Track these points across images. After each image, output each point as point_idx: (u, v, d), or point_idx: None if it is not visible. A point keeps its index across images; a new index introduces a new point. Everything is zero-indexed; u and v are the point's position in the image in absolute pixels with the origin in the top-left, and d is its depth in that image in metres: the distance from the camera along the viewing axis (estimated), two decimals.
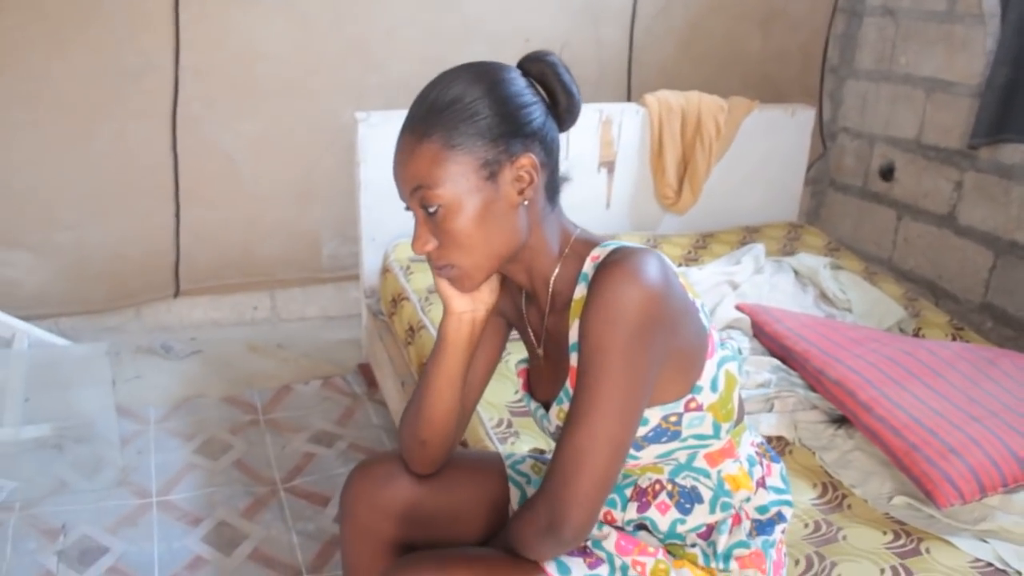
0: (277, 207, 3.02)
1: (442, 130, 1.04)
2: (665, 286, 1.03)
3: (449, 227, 1.06)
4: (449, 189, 1.04)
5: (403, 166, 1.09)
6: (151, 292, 3.01)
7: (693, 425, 1.12)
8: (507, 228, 1.08)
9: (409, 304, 2.33)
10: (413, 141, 1.07)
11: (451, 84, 1.07)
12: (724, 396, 1.13)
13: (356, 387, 2.80)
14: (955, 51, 2.95)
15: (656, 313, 1.01)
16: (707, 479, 1.17)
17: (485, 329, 1.26)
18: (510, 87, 1.07)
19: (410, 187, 1.08)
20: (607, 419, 1.02)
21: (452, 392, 1.23)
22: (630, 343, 1.00)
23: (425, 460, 1.28)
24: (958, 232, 3.00)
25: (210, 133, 2.87)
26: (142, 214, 2.90)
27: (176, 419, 2.56)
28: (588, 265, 1.11)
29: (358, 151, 2.58)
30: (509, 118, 1.05)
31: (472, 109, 1.04)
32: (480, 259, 1.09)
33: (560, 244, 1.15)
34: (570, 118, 1.13)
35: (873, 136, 3.35)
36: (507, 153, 1.05)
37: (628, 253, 1.04)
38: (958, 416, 1.61)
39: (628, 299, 1.00)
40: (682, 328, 1.08)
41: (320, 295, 3.24)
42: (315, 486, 2.28)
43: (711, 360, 1.12)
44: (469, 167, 1.04)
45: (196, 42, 2.74)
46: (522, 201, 1.09)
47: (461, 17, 2.91)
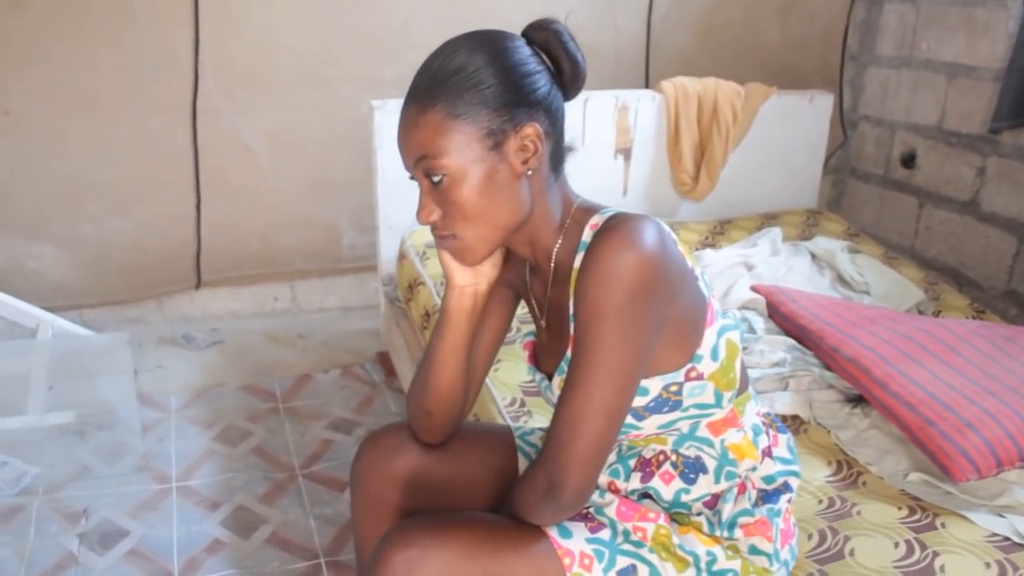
0: (296, 198, 3.05)
1: (446, 99, 1.04)
2: (662, 251, 1.03)
3: (453, 197, 1.06)
4: (454, 159, 1.04)
5: (407, 136, 1.08)
6: (172, 283, 3.04)
7: (694, 394, 1.12)
8: (511, 198, 1.08)
9: (425, 289, 2.34)
10: (417, 111, 1.06)
11: (454, 53, 1.06)
12: (725, 365, 1.13)
13: (375, 375, 2.81)
14: (977, 35, 2.91)
15: (652, 278, 1.01)
16: (711, 448, 1.17)
17: (491, 300, 1.26)
18: (514, 55, 1.06)
19: (414, 157, 1.07)
20: (602, 384, 1.02)
21: (456, 363, 1.23)
22: (625, 308, 1.00)
23: (432, 429, 1.29)
24: (981, 218, 2.96)
25: (230, 125, 2.89)
26: (164, 206, 2.93)
27: (196, 407, 2.59)
28: (587, 233, 1.11)
29: (375, 138, 2.59)
30: (513, 87, 1.05)
31: (476, 78, 1.04)
32: (483, 230, 1.09)
33: (562, 215, 1.15)
34: (575, 86, 1.12)
35: (894, 123, 3.32)
36: (512, 122, 1.05)
37: (625, 219, 1.04)
38: (974, 391, 1.59)
39: (623, 264, 0.99)
40: (680, 295, 1.07)
41: (340, 286, 3.26)
42: (333, 472, 2.29)
43: (711, 328, 1.11)
44: (473, 136, 1.04)
45: (216, 35, 2.77)
46: (526, 171, 1.08)
47: (478, 6, 2.91)
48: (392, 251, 2.72)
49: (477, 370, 1.31)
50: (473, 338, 1.24)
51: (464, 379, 1.26)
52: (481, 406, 1.81)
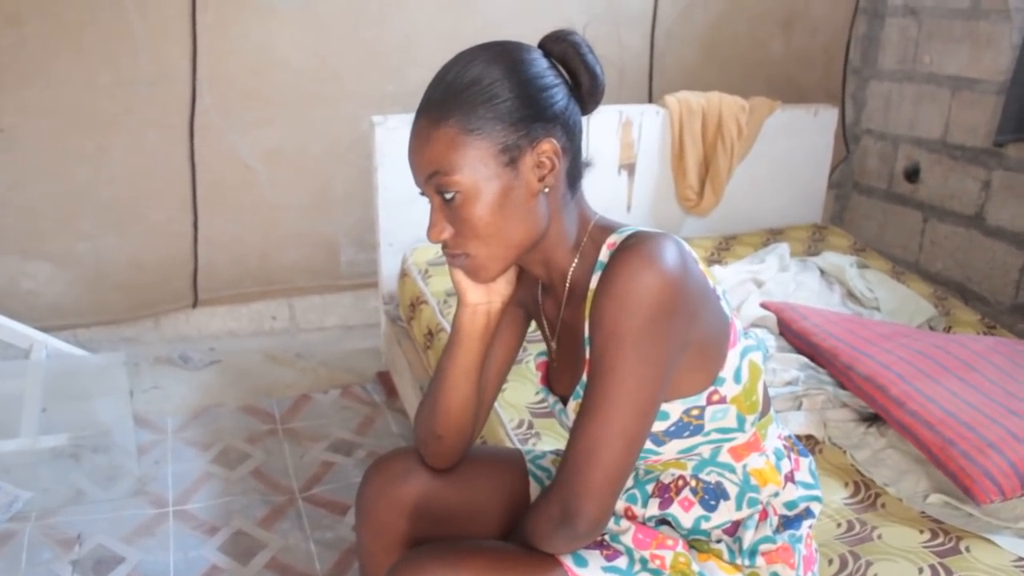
0: (295, 216, 3.01)
1: (460, 114, 1.00)
2: (683, 271, 0.98)
3: (466, 215, 1.02)
4: (467, 175, 1.00)
5: (419, 151, 1.04)
6: (169, 302, 3.00)
7: (716, 418, 1.08)
8: (526, 216, 1.04)
9: (428, 308, 2.30)
10: (429, 125, 1.03)
11: (469, 65, 1.02)
12: (748, 387, 1.08)
13: (375, 396, 2.76)
14: (980, 48, 2.90)
15: (673, 299, 0.97)
16: (732, 474, 1.13)
17: (502, 320, 1.22)
18: (531, 68, 1.02)
19: (426, 173, 1.04)
20: (620, 410, 0.97)
21: (468, 385, 1.19)
22: (644, 330, 0.96)
23: (441, 454, 1.24)
24: (987, 233, 2.94)
25: (227, 142, 2.86)
26: (160, 224, 2.89)
27: (193, 429, 2.54)
28: (604, 253, 1.06)
29: (375, 155, 2.56)
30: (530, 101, 1.01)
31: (491, 91, 1.00)
32: (497, 249, 1.05)
33: (578, 234, 1.11)
34: (593, 100, 1.08)
35: (897, 137, 3.29)
36: (528, 138, 1.01)
37: (644, 237, 1.00)
38: (995, 410, 1.55)
39: (643, 285, 0.95)
40: (702, 316, 1.03)
41: (339, 304, 3.22)
42: (333, 495, 2.25)
43: (733, 350, 1.07)
44: (488, 152, 1.00)
45: (213, 50, 2.74)
46: (542, 188, 1.04)
47: (480, 22, 2.89)
48: (393, 269, 2.68)
49: (487, 392, 1.27)
50: (485, 359, 1.20)
51: (475, 402, 1.22)
52: (489, 428, 1.77)
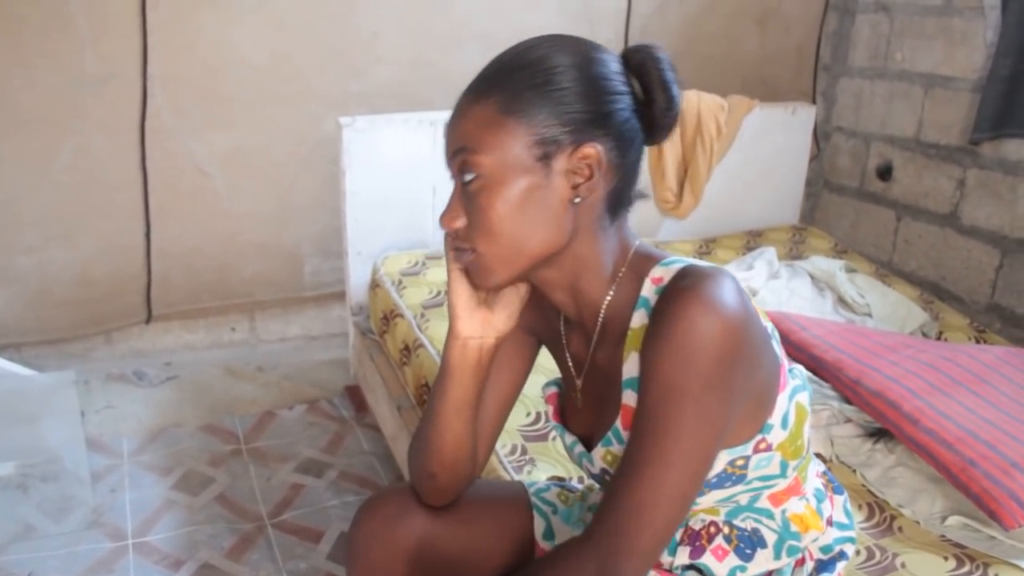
0: (255, 224, 2.87)
1: (504, 92, 0.91)
2: (745, 316, 0.88)
3: (482, 203, 0.92)
4: (493, 158, 0.91)
5: (453, 125, 0.96)
6: (121, 318, 2.84)
7: (760, 467, 0.99)
8: (547, 224, 0.93)
9: (403, 321, 2.18)
10: (470, 100, 0.94)
11: (534, 47, 0.94)
12: (794, 432, 0.99)
13: (344, 411, 2.65)
14: (954, 45, 2.87)
15: (737, 349, 0.87)
16: (770, 520, 1.04)
17: (507, 346, 1.12)
18: (600, 67, 0.92)
19: (453, 148, 0.95)
20: (675, 470, 0.88)
21: (461, 422, 1.08)
22: (708, 386, 0.86)
23: (436, 493, 1.14)
24: (961, 231, 2.92)
25: (181, 146, 2.71)
26: (110, 234, 2.73)
27: (151, 451, 2.40)
28: (648, 288, 0.96)
29: (343, 159, 2.44)
30: (588, 99, 0.91)
31: (547, 76, 0.90)
32: (506, 251, 0.94)
33: (616, 264, 0.99)
34: (664, 124, 0.97)
35: (869, 135, 3.26)
36: (573, 136, 0.91)
37: (700, 276, 0.89)
38: (1014, 427, 1.50)
39: (705, 333, 0.85)
40: (760, 363, 0.93)
41: (301, 314, 3.08)
42: (305, 520, 2.13)
43: (783, 394, 0.98)
44: (522, 140, 0.90)
45: (165, 47, 2.58)
46: (573, 198, 0.93)
47: (451, 18, 2.79)
48: (362, 278, 2.56)
49: (487, 426, 1.16)
50: (480, 394, 1.09)
51: (471, 439, 1.11)
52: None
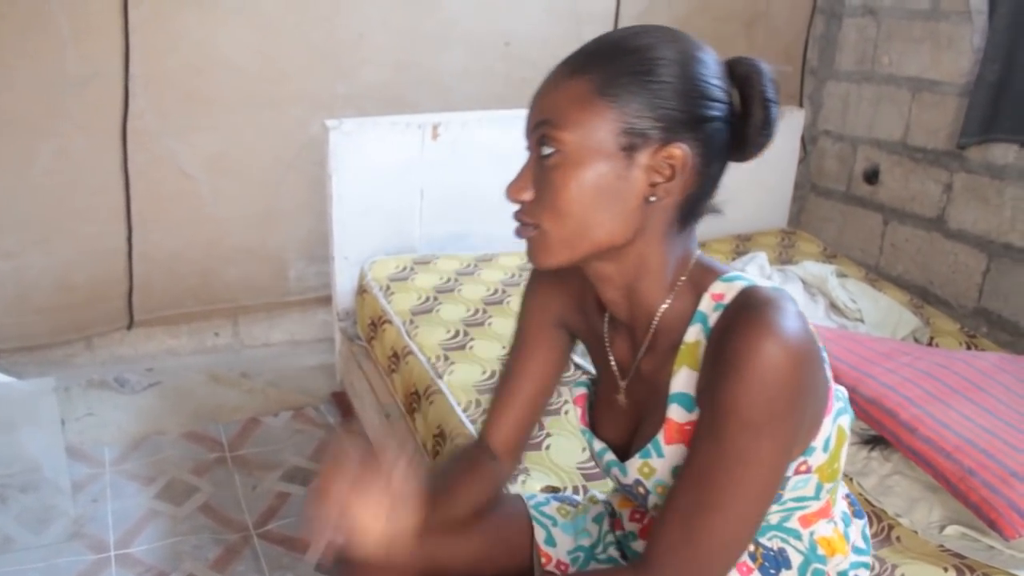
0: (239, 227, 2.82)
1: (603, 73, 0.88)
2: (811, 343, 0.86)
3: (556, 180, 0.89)
4: (577, 137, 0.88)
5: (541, 95, 0.92)
6: (102, 324, 2.78)
7: (797, 488, 0.97)
8: (616, 216, 0.90)
9: (392, 328, 2.15)
10: (565, 73, 0.90)
11: (642, 34, 0.91)
12: (833, 454, 0.97)
13: (330, 417, 2.62)
14: (941, 49, 2.87)
15: (804, 378, 0.85)
16: (798, 541, 1.01)
17: (539, 344, 1.13)
18: (703, 68, 0.90)
19: (536, 119, 0.91)
20: (749, 502, 0.86)
21: None
22: (777, 415, 0.84)
23: None
24: (948, 235, 2.92)
25: (164, 148, 2.65)
26: (90, 239, 2.67)
27: (134, 460, 2.36)
28: (707, 304, 0.93)
29: (329, 162, 2.40)
30: (685, 98, 0.88)
31: (650, 67, 0.88)
32: (570, 233, 0.91)
33: (675, 272, 0.97)
34: (754, 143, 0.93)
35: (856, 138, 3.26)
36: (663, 132, 0.88)
37: (766, 302, 0.86)
38: (1012, 435, 1.49)
39: (776, 363, 0.82)
40: (818, 388, 0.91)
41: (286, 319, 3.04)
42: (292, 530, 2.10)
43: (828, 416, 0.95)
44: (611, 125, 0.87)
45: (147, 48, 2.52)
46: (649, 196, 0.90)
47: (437, 19, 2.75)
48: (348, 283, 2.53)
49: (521, 419, 1.15)
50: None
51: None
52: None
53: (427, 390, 1.91)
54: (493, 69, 2.90)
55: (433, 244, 2.67)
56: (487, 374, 1.93)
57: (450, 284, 2.38)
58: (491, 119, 2.60)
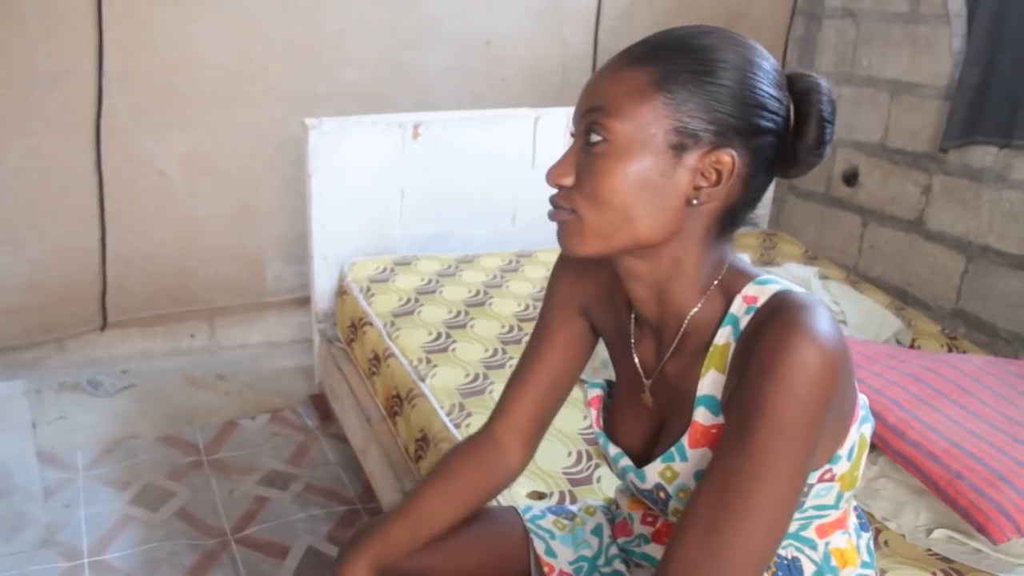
0: (216, 227, 2.79)
1: (663, 67, 0.87)
2: (845, 348, 0.85)
3: (600, 169, 0.88)
4: (628, 128, 0.86)
5: (596, 81, 0.91)
6: (74, 325, 2.74)
7: (819, 496, 0.95)
8: (657, 213, 0.88)
9: (372, 330, 2.12)
10: (624, 62, 0.89)
11: (706, 34, 0.89)
12: (855, 463, 0.95)
13: (308, 420, 2.59)
14: (920, 52, 2.89)
15: (837, 382, 0.83)
16: (812, 550, 0.99)
17: (562, 329, 1.11)
18: (765, 77, 0.88)
19: (588, 105, 0.90)
20: (775, 510, 0.82)
21: None
22: (808, 419, 0.82)
23: None
24: (927, 237, 2.93)
25: (139, 147, 2.61)
26: (62, 238, 2.62)
27: (108, 464, 2.32)
28: (739, 306, 0.92)
29: (309, 161, 2.37)
30: (742, 105, 0.86)
31: (711, 68, 0.86)
32: (607, 224, 0.89)
33: (709, 277, 0.95)
34: (804, 162, 0.91)
35: (835, 140, 3.25)
36: (713, 136, 0.86)
37: (800, 306, 0.85)
38: (999, 438, 1.49)
39: (809, 366, 0.81)
40: (848, 394, 0.90)
41: (263, 320, 3.00)
42: (270, 534, 2.07)
43: (855, 425, 0.93)
44: (663, 122, 0.86)
45: (121, 44, 2.48)
46: (692, 199, 0.88)
47: (418, 17, 2.73)
48: (327, 284, 2.50)
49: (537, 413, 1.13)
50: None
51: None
52: None
53: (409, 393, 1.88)
54: (473, 68, 2.88)
55: (413, 245, 2.64)
56: (470, 377, 1.91)
57: (431, 286, 2.36)
58: (472, 119, 2.58)
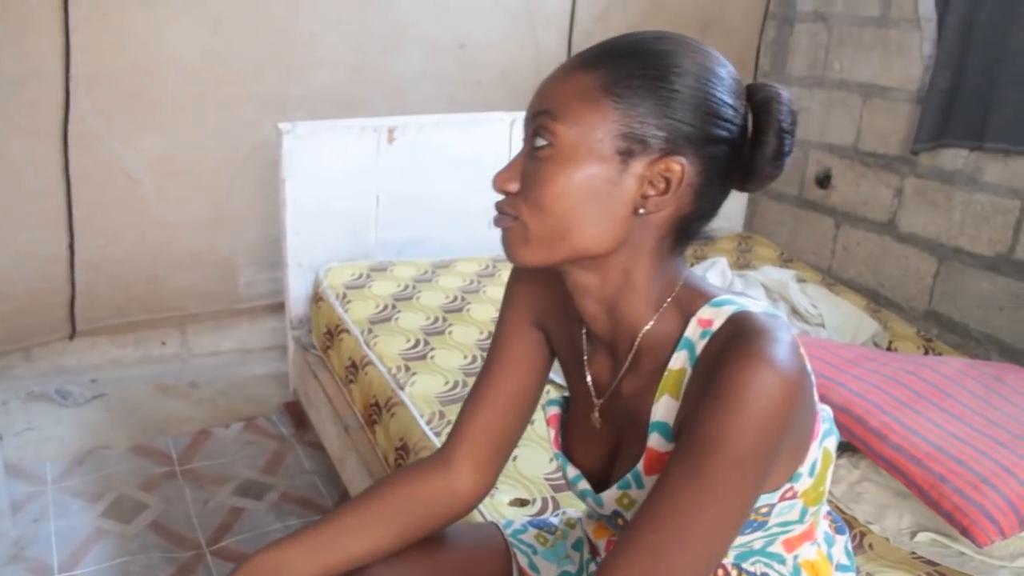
0: (187, 233, 2.73)
1: (613, 71, 0.84)
2: (805, 374, 0.82)
3: (543, 175, 0.85)
4: (574, 132, 0.84)
5: (546, 84, 0.88)
6: (42, 333, 2.67)
7: (782, 513, 0.93)
8: (600, 223, 0.85)
9: (349, 337, 2.09)
10: (574, 66, 0.87)
11: (661, 39, 0.87)
12: (819, 478, 0.93)
13: (283, 428, 2.55)
14: (891, 56, 2.91)
15: (792, 410, 0.80)
16: (781, 565, 0.98)
17: (518, 342, 1.06)
18: (720, 84, 0.85)
19: (535, 108, 0.87)
20: (720, 538, 0.80)
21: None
22: (770, 451, 0.79)
23: None
24: (899, 239, 2.96)
25: (108, 151, 2.54)
26: (28, 246, 2.54)
27: (78, 476, 2.27)
28: (694, 330, 0.88)
29: (283, 166, 2.34)
30: (695, 113, 0.84)
31: (663, 73, 0.83)
32: (548, 232, 0.86)
33: (661, 292, 0.91)
34: (762, 174, 0.88)
35: (807, 143, 3.29)
36: (664, 143, 0.83)
37: (757, 328, 0.82)
38: (981, 441, 1.49)
39: (772, 396, 0.78)
40: (805, 417, 0.88)
41: (235, 327, 2.96)
42: (247, 546, 2.03)
43: (815, 442, 0.91)
44: (611, 126, 0.83)
45: (89, 46, 2.41)
46: (638, 208, 0.85)
47: (392, 20, 2.69)
48: (302, 291, 2.47)
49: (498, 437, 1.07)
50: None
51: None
52: None
53: (388, 401, 1.86)
54: (448, 72, 2.85)
55: (389, 250, 2.62)
56: (450, 384, 1.88)
57: (408, 292, 2.33)
58: (448, 123, 2.56)
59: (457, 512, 1.09)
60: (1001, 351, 2.61)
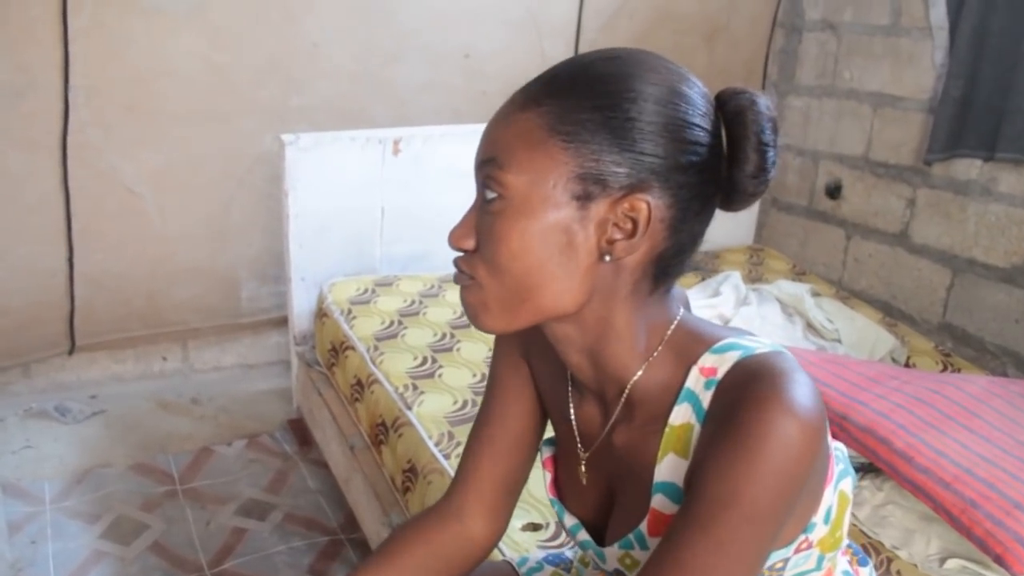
0: (188, 246, 2.69)
1: (559, 105, 0.75)
2: (823, 415, 0.74)
3: (497, 231, 0.76)
4: (522, 182, 0.75)
5: (489, 129, 0.80)
6: (41, 349, 2.63)
7: (798, 565, 0.86)
8: (563, 278, 0.77)
9: (355, 354, 2.05)
10: (516, 106, 0.77)
11: (612, 60, 0.77)
12: (835, 522, 0.86)
13: (286, 446, 2.51)
14: (902, 65, 2.88)
15: (812, 459, 0.73)
16: None
17: (512, 377, 0.99)
18: (687, 107, 0.76)
19: (482, 157, 0.79)
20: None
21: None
22: (788, 504, 0.72)
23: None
24: (912, 251, 2.91)
25: (107, 164, 2.51)
26: (27, 260, 2.51)
27: (77, 496, 2.23)
28: (696, 380, 0.79)
29: (286, 178, 2.30)
30: (658, 142, 0.74)
31: (616, 101, 0.74)
32: (508, 294, 0.78)
33: (650, 338, 0.82)
34: (745, 192, 0.78)
35: (817, 153, 3.25)
36: (624, 180, 0.74)
37: (770, 374, 0.74)
38: (1012, 464, 1.44)
39: (793, 448, 0.70)
40: (823, 463, 0.80)
41: (237, 342, 2.91)
42: (249, 568, 1.99)
43: (829, 486, 0.84)
44: (562, 170, 0.74)
45: (89, 57, 2.38)
46: (603, 255, 0.76)
47: (394, 30, 2.66)
48: (306, 305, 2.42)
49: (501, 483, 1.00)
50: None
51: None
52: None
53: (395, 422, 1.81)
54: (452, 82, 2.82)
55: (395, 264, 2.57)
56: (459, 404, 1.84)
57: (414, 307, 2.29)
58: (454, 134, 2.51)
59: (476, 559, 1.04)
60: (1017, 364, 2.57)
